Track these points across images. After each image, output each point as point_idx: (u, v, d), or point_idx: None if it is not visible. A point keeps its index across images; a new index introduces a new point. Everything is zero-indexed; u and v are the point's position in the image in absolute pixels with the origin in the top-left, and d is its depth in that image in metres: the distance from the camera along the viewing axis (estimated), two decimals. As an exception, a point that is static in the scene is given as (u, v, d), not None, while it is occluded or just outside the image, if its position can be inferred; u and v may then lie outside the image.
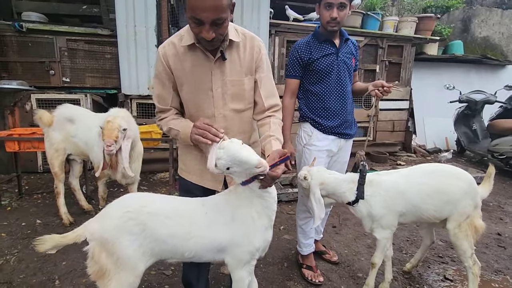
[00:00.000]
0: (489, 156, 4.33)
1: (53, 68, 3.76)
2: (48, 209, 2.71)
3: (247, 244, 1.12)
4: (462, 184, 1.54)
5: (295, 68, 1.75)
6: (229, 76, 1.21)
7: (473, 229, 1.57)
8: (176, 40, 1.20)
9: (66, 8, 4.08)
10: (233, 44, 1.20)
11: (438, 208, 1.54)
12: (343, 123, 1.77)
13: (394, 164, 4.43)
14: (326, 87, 1.73)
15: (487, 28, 6.38)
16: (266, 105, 1.28)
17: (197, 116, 1.24)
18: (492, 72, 6.02)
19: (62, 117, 2.36)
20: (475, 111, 4.73)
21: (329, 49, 1.71)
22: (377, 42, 4.63)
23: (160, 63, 1.20)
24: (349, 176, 1.57)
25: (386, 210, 1.49)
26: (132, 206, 1.08)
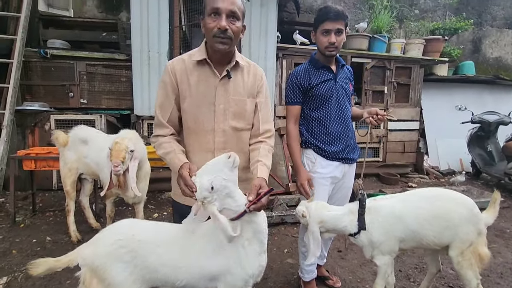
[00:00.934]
0: (506, 180, 4.16)
1: (72, 90, 4.00)
2: (59, 227, 2.79)
3: (240, 271, 1.11)
4: (462, 209, 1.50)
5: (296, 94, 1.76)
6: (233, 95, 1.29)
7: (477, 257, 1.51)
8: (186, 57, 1.30)
9: (87, 35, 4.39)
10: (238, 67, 1.30)
11: (437, 234, 1.49)
12: (345, 147, 1.77)
13: (405, 186, 4.32)
14: (327, 112, 1.75)
15: (498, 48, 6.33)
16: (261, 130, 1.35)
17: (195, 129, 1.29)
18: (506, 93, 5.89)
19: (77, 138, 2.48)
20: (489, 133, 4.61)
21: (327, 75, 1.74)
22: (385, 64, 4.67)
23: (167, 75, 1.27)
24: (347, 208, 1.54)
25: (385, 236, 1.47)
26: (123, 234, 1.11)
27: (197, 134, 1.30)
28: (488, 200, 1.63)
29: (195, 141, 1.31)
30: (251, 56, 3.85)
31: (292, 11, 5.17)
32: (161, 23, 3.58)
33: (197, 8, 3.77)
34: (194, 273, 1.10)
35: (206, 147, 1.30)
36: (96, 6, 4.68)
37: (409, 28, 5.54)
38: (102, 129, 3.82)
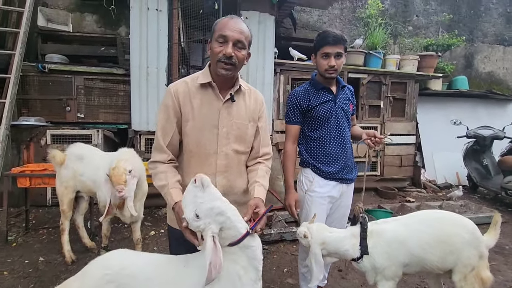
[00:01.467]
0: (503, 194, 4.18)
1: (69, 104, 3.98)
2: (52, 246, 2.72)
3: None
4: (464, 233, 1.48)
5: (295, 114, 1.78)
6: (236, 119, 1.29)
7: (479, 281, 1.49)
8: (189, 80, 1.30)
9: (86, 50, 4.40)
10: (240, 91, 1.32)
11: (440, 258, 1.47)
12: (343, 168, 1.77)
13: (403, 201, 4.31)
14: (326, 133, 1.76)
15: (490, 64, 6.49)
16: (261, 153, 1.38)
17: (197, 152, 1.28)
18: (499, 107, 6.01)
19: (73, 156, 2.45)
20: (485, 147, 4.66)
21: (326, 96, 1.76)
22: (380, 79, 4.74)
23: (170, 98, 1.26)
24: (350, 231, 1.52)
25: (388, 261, 1.44)
26: (111, 268, 1.08)
27: (199, 157, 1.28)
28: (487, 215, 1.63)
29: (196, 164, 1.29)
30: (249, 72, 3.89)
31: (289, 26, 5.27)
32: (160, 39, 3.61)
33: (195, 25, 3.82)
34: None
35: (208, 170, 1.28)
36: (95, 21, 4.72)
37: (403, 44, 5.67)
38: (99, 143, 3.79)
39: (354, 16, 5.64)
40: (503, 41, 6.49)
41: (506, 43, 6.50)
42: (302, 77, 4.39)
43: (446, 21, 5.80)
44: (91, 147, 2.62)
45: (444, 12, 5.95)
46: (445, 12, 5.96)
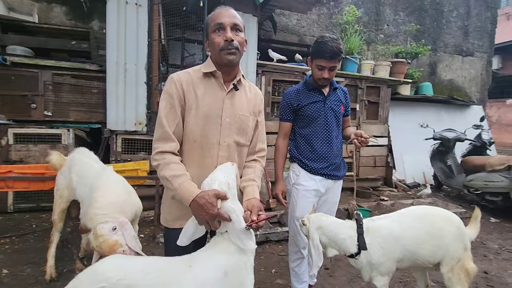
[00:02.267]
0: (465, 191, 4.53)
1: (35, 101, 3.66)
2: (18, 256, 2.46)
3: None
4: (451, 227, 1.58)
5: (287, 112, 1.88)
6: (238, 110, 1.29)
7: (465, 272, 1.59)
8: (191, 71, 1.28)
9: (54, 43, 4.08)
10: (241, 84, 1.33)
11: (431, 252, 1.56)
12: (330, 165, 1.83)
13: (378, 200, 4.51)
14: (313, 131, 1.83)
15: (451, 72, 7.05)
16: (257, 148, 1.39)
17: (200, 142, 1.24)
18: (459, 111, 6.54)
19: (72, 163, 2.15)
20: (448, 148, 5.03)
21: (316, 96, 1.83)
22: (356, 83, 4.95)
23: (173, 86, 1.23)
24: (347, 222, 1.57)
25: (384, 257, 1.49)
26: (108, 280, 0.96)
27: (201, 147, 1.24)
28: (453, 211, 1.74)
29: (199, 155, 1.25)
30: (232, 72, 3.85)
31: (269, 29, 5.31)
32: (139, 35, 3.45)
33: (176, 22, 3.71)
34: None
35: (210, 162, 1.25)
36: (65, 13, 4.41)
37: (377, 51, 5.96)
38: (69, 144, 3.53)
39: (331, 22, 5.83)
40: (461, 51, 7.09)
41: (464, 54, 7.11)
42: (283, 79, 4.44)
43: (414, 31, 6.21)
44: (90, 156, 2.22)
45: (411, 23, 6.36)
46: (413, 22, 6.39)
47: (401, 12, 6.47)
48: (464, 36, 7.07)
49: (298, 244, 1.87)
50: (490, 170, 4.04)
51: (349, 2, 5.90)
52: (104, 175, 1.88)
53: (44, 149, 3.43)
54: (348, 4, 5.77)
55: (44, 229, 2.98)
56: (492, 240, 3.28)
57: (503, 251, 3.01)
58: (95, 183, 1.80)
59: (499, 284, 2.40)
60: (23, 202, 3.41)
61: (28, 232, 2.90)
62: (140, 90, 3.52)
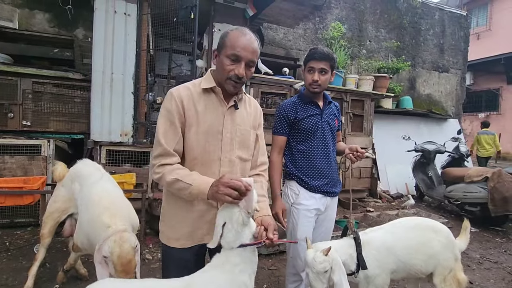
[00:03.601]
0: (445, 202, 4.70)
1: (12, 110, 3.48)
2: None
3: None
4: (441, 237, 1.63)
5: (282, 125, 1.81)
6: (239, 125, 1.27)
7: (456, 282, 1.63)
8: (190, 85, 1.25)
9: (35, 50, 3.96)
10: (241, 99, 1.31)
11: (423, 262, 1.59)
12: (329, 182, 1.80)
13: (364, 211, 4.58)
14: (312, 146, 1.78)
15: (429, 87, 7.41)
16: (259, 161, 1.39)
17: (201, 159, 1.21)
18: (437, 124, 6.85)
19: (74, 174, 2.02)
20: (429, 160, 5.23)
21: (313, 110, 1.80)
22: (342, 96, 5.08)
23: (173, 102, 1.19)
24: (343, 242, 1.55)
25: (379, 269, 1.50)
26: None
27: (202, 164, 1.22)
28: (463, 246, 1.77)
29: (200, 172, 1.21)
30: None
31: (257, 42, 5.40)
32: (127, 44, 3.40)
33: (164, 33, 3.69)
34: None
35: (211, 178, 1.21)
36: (48, 20, 4.29)
37: (360, 65, 6.18)
38: (49, 155, 3.36)
39: (316, 36, 6.01)
40: (438, 68, 7.48)
41: (440, 70, 7.51)
42: (271, 91, 4.49)
43: (394, 47, 6.52)
44: (95, 167, 2.07)
45: (392, 39, 6.68)
46: (393, 39, 6.70)
47: (382, 29, 6.78)
48: (440, 53, 7.49)
49: (297, 267, 1.80)
50: (469, 182, 4.22)
51: (334, 18, 6.13)
52: (101, 187, 1.78)
53: (22, 160, 3.25)
54: (332, 20, 5.99)
55: (19, 247, 2.79)
56: (474, 249, 3.39)
57: (484, 261, 3.12)
58: (94, 193, 1.72)
59: (483, 293, 2.47)
60: (-4, 217, 3.19)
61: (0, 251, 2.70)
62: (127, 100, 3.44)
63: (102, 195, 1.68)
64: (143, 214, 2.91)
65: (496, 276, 2.81)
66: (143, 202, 3.00)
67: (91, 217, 1.60)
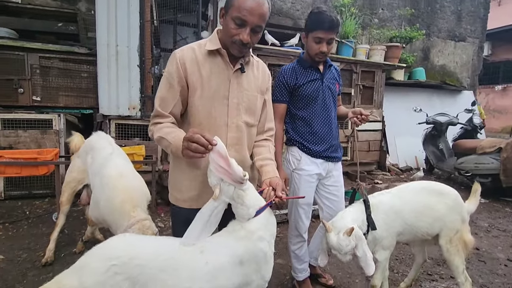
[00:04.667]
0: (456, 174, 4.65)
1: (22, 86, 3.51)
2: (12, 242, 2.42)
3: (257, 279, 1.04)
4: (447, 200, 1.63)
5: (282, 93, 1.77)
6: (246, 90, 1.24)
7: (463, 244, 1.65)
8: (196, 46, 1.21)
9: (39, 25, 3.91)
10: (249, 62, 1.26)
11: (429, 225, 1.61)
12: (330, 147, 1.80)
13: (372, 183, 4.59)
14: (313, 112, 1.76)
15: (443, 57, 7.09)
16: (266, 127, 1.37)
17: (207, 124, 1.20)
18: (451, 96, 6.63)
19: (89, 146, 2.04)
20: (441, 132, 5.12)
21: (314, 75, 1.75)
22: (352, 68, 4.92)
23: (174, 64, 1.16)
24: (354, 208, 1.55)
25: (387, 232, 1.52)
26: (118, 258, 0.91)
27: (209, 130, 1.20)
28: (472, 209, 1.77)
29: None
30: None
31: (263, 12, 5.19)
32: (131, 16, 3.32)
33: (168, 4, 3.58)
34: None
35: None
36: (50, -7, 4.19)
37: (372, 35, 5.93)
38: (61, 129, 3.43)
39: (326, 5, 5.73)
40: (454, 37, 7.11)
41: (457, 39, 7.14)
42: (279, 63, 4.38)
43: (408, 15, 6.18)
44: (108, 140, 2.05)
45: (406, 7, 6.32)
46: (407, 6, 6.34)
47: (395, -4, 6.40)
48: (457, 21, 7.08)
49: (299, 229, 1.84)
50: (481, 153, 4.14)
51: (344, -15, 5.79)
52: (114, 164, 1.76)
53: (35, 134, 3.34)
54: (343, -14, 5.67)
55: (38, 216, 2.93)
56: (482, 219, 3.39)
57: (492, 229, 3.12)
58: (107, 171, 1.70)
59: (490, 259, 2.49)
60: (15, 189, 3.32)
61: (21, 218, 2.85)
62: (133, 73, 3.42)
63: (116, 175, 1.66)
64: (153, 186, 2.98)
65: (504, 243, 2.82)
66: (153, 174, 3.07)
67: (109, 200, 1.58)
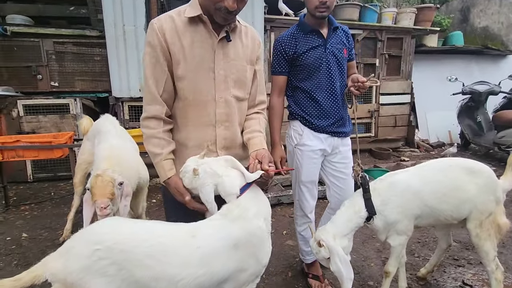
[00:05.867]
0: (495, 149, 4.19)
1: (40, 72, 3.61)
2: (36, 221, 2.56)
3: (254, 264, 0.97)
4: (478, 178, 1.40)
5: (281, 63, 1.57)
6: (233, 60, 1.12)
7: (496, 227, 1.43)
8: (174, 14, 1.08)
9: (52, 10, 3.94)
10: (236, 29, 1.14)
11: (455, 207, 1.40)
12: (336, 121, 1.60)
13: (398, 161, 4.28)
14: (316, 84, 1.56)
15: (486, 18, 6.25)
16: (257, 100, 1.25)
17: (193, 100, 1.10)
18: (493, 63, 5.89)
19: (96, 128, 2.05)
20: (479, 103, 4.59)
21: (316, 40, 1.53)
22: (376, 35, 4.49)
23: (155, 36, 1.04)
24: (355, 200, 1.40)
25: (401, 215, 1.35)
26: (103, 243, 0.86)
27: (196, 106, 1.10)
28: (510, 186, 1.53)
29: (193, 114, 1.12)
30: (237, 29, 3.56)
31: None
32: (135, -8, 3.21)
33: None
34: (199, 283, 0.89)
35: (207, 120, 1.12)
36: (60, -23, 4.17)
37: (400, -3, 5.34)
38: (78, 113, 3.51)
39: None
40: (500, -8, 6.20)
41: (503, -5, 6.22)
42: (294, 35, 4.09)
43: (444, -30, 5.45)
44: (112, 123, 2.05)
45: (442, -39, 5.57)
46: (443, -40, 5.59)
47: (429, -50, 5.64)
48: (504, -26, 6.14)
49: (304, 209, 1.71)
50: (526, 124, 3.66)
51: None
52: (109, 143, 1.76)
53: (54, 119, 3.45)
54: None
55: (61, 197, 3.08)
56: (524, 198, 3.03)
57: (536, 210, 2.77)
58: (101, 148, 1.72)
59: (529, 243, 2.21)
60: (41, 172, 3.52)
61: (46, 199, 3.01)
62: (142, 53, 3.35)
63: (106, 150, 1.67)
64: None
65: (548, 225, 2.49)
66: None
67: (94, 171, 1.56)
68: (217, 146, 1.14)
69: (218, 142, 1.14)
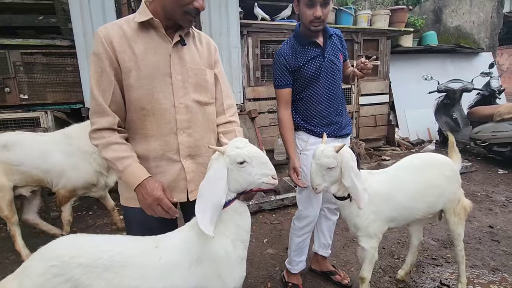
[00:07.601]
0: (472, 144, 4.30)
1: (8, 85, 3.44)
2: (2, 244, 2.41)
3: (217, 285, 0.93)
4: (446, 171, 1.47)
5: (285, 76, 1.58)
6: (190, 64, 1.09)
7: (464, 210, 1.55)
8: (123, 22, 1.04)
9: (20, 20, 3.79)
10: (189, 34, 1.12)
11: (432, 203, 1.45)
12: (338, 127, 1.66)
13: (379, 160, 4.33)
14: (315, 92, 1.60)
15: (458, 17, 6.47)
16: (225, 105, 1.22)
17: (151, 109, 1.04)
18: (466, 60, 6.09)
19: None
20: (454, 100, 4.72)
21: (314, 51, 1.55)
22: (352, 37, 4.55)
23: (99, 44, 0.98)
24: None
25: (374, 215, 1.34)
26: (58, 258, 0.84)
27: (154, 115, 1.05)
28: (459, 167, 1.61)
29: (153, 124, 1.06)
30: (212, 33, 3.52)
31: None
32: (105, 0, 3.12)
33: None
34: None
35: (168, 129, 1.07)
36: (27, -15, 4.02)
37: None
38: (49, 127, 3.37)
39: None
40: (469, -7, 6.44)
41: (473, -5, 6.46)
42: (271, 39, 4.10)
43: (415, -27, 5.60)
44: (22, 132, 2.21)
45: (413, -36, 5.73)
46: (414, -37, 5.75)
47: (401, -47, 5.80)
48: (472, -25, 6.39)
49: (307, 218, 1.69)
50: (499, 120, 3.78)
51: None
52: None
53: (23, 134, 3.29)
54: None
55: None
56: (499, 192, 3.11)
57: (510, 203, 2.85)
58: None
59: (504, 238, 2.26)
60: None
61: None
62: (114, 62, 3.26)
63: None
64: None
65: (522, 219, 2.56)
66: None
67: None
68: (181, 155, 1.09)
69: (181, 150, 1.09)
